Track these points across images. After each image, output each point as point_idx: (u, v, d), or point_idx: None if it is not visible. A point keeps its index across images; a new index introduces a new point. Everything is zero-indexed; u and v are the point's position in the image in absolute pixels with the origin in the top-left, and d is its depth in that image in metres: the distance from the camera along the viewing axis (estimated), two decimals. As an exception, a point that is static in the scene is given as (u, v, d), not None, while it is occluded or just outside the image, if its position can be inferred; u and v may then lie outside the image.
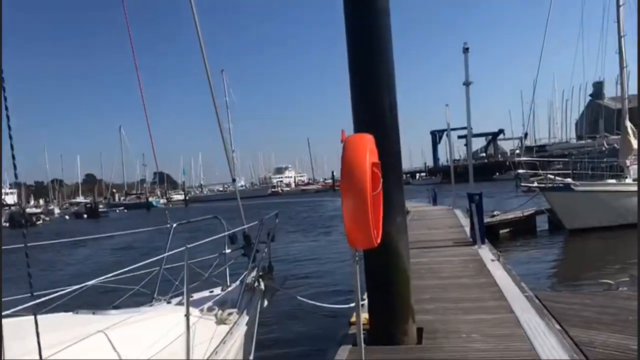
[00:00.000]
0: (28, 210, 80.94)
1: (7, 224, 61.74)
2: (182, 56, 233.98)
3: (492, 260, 9.66)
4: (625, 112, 18.91)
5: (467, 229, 15.02)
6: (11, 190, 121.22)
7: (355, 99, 5.55)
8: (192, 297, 4.46)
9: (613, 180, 18.67)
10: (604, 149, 24.13)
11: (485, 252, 10.72)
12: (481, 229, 11.53)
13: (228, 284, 5.15)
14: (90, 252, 25.62)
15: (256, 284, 5.01)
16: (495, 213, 18.65)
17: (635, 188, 17.49)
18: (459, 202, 25.51)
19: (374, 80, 5.43)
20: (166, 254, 4.27)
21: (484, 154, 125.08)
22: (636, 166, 18.30)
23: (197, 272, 5.08)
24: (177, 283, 4.80)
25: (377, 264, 5.32)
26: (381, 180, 4.47)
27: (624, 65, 18.69)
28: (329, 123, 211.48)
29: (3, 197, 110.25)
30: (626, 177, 18.42)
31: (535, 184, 17.45)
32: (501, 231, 18.64)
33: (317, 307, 6.64)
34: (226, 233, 5.21)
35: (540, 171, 18.25)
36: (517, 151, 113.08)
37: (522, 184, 17.84)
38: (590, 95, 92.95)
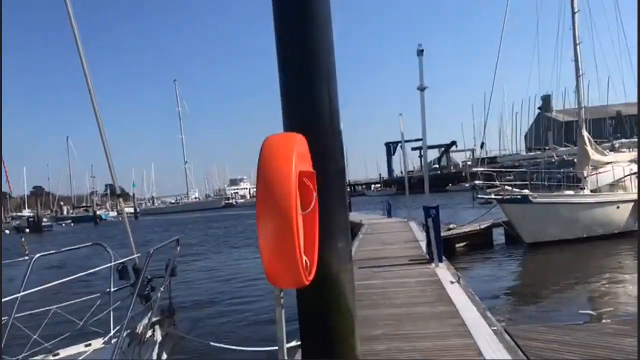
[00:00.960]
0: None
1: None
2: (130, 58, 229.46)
3: (452, 283, 8.62)
4: (582, 121, 18.45)
5: (424, 244, 14.06)
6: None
7: (286, 94, 4.27)
8: (57, 354, 3.15)
9: (570, 192, 18.14)
10: (553, 160, 23.79)
11: (444, 272, 9.69)
12: (439, 246, 10.53)
13: (111, 333, 3.82)
14: None
15: (149, 333, 3.72)
16: (451, 226, 17.80)
17: (594, 200, 16.95)
18: (414, 214, 24.71)
19: (309, 69, 4.18)
20: (20, 294, 2.98)
21: (437, 166, 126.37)
22: (594, 177, 17.80)
23: (68, 319, 3.77)
24: (35, 337, 3.47)
25: (312, 302, 4.08)
26: (314, 194, 3.31)
27: (580, 74, 18.26)
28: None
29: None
30: (583, 188, 17.90)
31: (493, 196, 16.69)
32: (457, 245, 17.81)
33: (241, 353, 5.35)
34: (112, 264, 3.88)
35: (497, 182, 17.48)
36: (470, 162, 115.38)
37: (479, 196, 17.04)
38: (539, 108, 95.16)
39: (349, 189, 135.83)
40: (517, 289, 12.97)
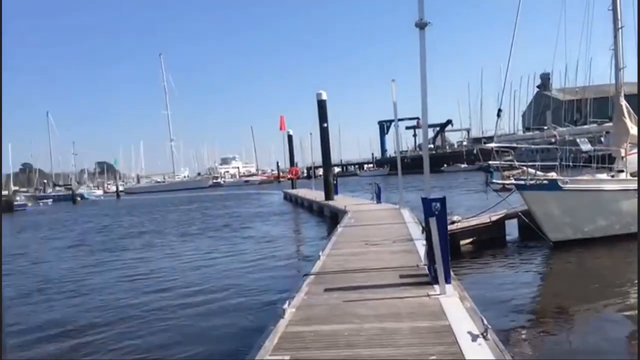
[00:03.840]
0: None
1: None
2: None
3: (475, 339, 4.87)
4: (621, 87, 14.65)
5: (419, 245, 10.37)
6: None
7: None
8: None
9: (603, 175, 14.41)
10: (553, 140, 20.22)
11: (456, 309, 5.92)
12: (446, 260, 6.76)
13: None
14: None
15: None
16: (455, 218, 14.04)
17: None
18: (408, 198, 21.08)
19: None
20: None
21: (432, 145, 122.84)
22: (634, 156, 14.05)
23: None
24: None
25: None
26: None
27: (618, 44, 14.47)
28: (273, 110, 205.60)
29: None
30: (622, 171, 14.17)
31: (512, 180, 12.92)
32: (462, 242, 14.09)
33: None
34: None
35: (517, 162, 13.66)
36: (465, 142, 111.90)
37: (494, 181, 13.20)
38: (538, 86, 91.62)
39: (340, 169, 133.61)
40: (542, 304, 9.29)
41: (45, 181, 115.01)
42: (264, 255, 15.11)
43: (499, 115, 14.53)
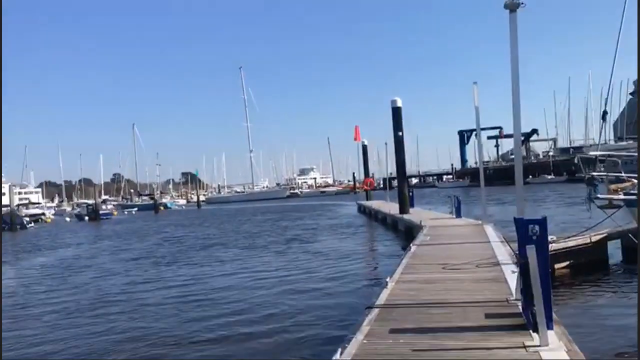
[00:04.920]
0: (29, 211, 76.39)
1: (-6, 228, 57.64)
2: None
3: None
4: None
5: (507, 272, 8.78)
6: (36, 190, 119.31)
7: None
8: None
9: None
10: None
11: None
12: (548, 302, 5.22)
13: None
14: None
15: None
16: (551, 238, 12.13)
17: None
18: (490, 211, 19.25)
19: None
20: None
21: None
22: None
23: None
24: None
25: None
26: None
27: None
28: (350, 120, 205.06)
29: (27, 195, 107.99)
30: None
31: (621, 196, 10.93)
32: (557, 265, 12.20)
33: None
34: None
35: (624, 174, 11.61)
36: (551, 152, 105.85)
37: (599, 196, 11.20)
38: (631, 93, 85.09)
39: (418, 180, 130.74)
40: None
41: (132, 191, 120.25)
42: (326, 276, 13.75)
43: (604, 119, 12.55)
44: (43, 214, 76.98)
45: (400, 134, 25.45)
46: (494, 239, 13.66)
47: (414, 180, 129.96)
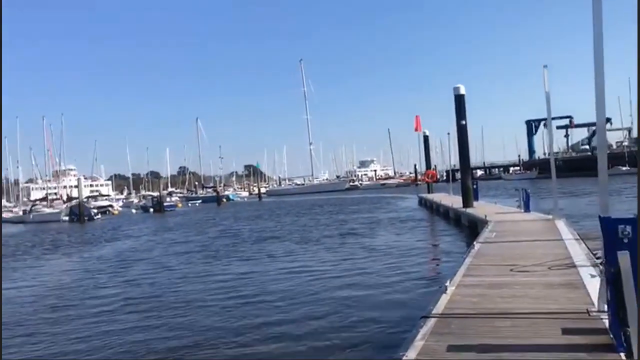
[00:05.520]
0: (97, 203, 79.37)
1: (67, 218, 60.00)
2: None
3: None
4: None
5: (586, 278, 7.73)
6: (106, 182, 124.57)
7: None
8: None
9: None
10: None
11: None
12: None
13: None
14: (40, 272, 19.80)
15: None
16: None
17: None
18: (561, 205, 17.83)
19: None
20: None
21: (587, 147, 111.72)
22: None
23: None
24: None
25: None
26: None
27: None
28: (411, 110, 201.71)
29: (97, 187, 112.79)
30: None
31: None
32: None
33: None
34: None
35: None
36: (626, 143, 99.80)
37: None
38: None
39: (483, 172, 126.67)
40: None
41: (196, 183, 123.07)
42: (380, 278, 12.62)
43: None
44: (110, 205, 79.59)
45: (463, 122, 24.13)
46: (567, 236, 12.41)
47: (479, 172, 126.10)
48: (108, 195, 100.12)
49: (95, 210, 64.72)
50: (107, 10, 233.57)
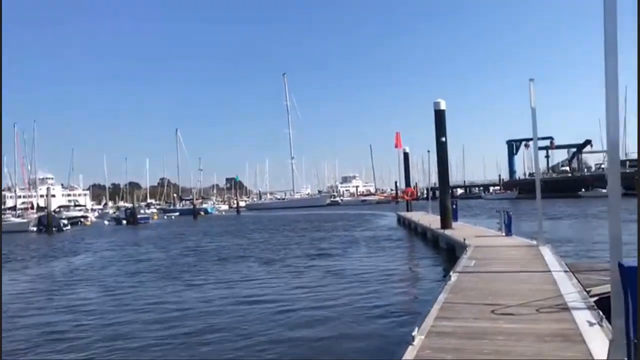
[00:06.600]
0: (70, 213, 76.96)
1: (35, 228, 57.64)
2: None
3: None
4: None
5: (582, 323, 6.35)
6: (84, 192, 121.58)
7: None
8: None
9: None
10: None
11: None
12: None
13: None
14: None
15: None
16: None
17: None
18: (546, 228, 16.58)
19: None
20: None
21: (567, 168, 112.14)
22: None
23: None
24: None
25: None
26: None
27: None
28: (394, 127, 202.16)
29: (75, 197, 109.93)
30: None
31: None
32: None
33: None
34: None
35: None
36: (604, 165, 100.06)
37: None
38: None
39: (463, 191, 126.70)
40: None
41: (175, 195, 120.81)
42: (341, 314, 10.55)
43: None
44: (83, 216, 77.18)
45: (443, 139, 22.87)
46: (555, 267, 11.05)
47: (459, 191, 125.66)
48: (84, 206, 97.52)
49: (66, 221, 62.37)
50: (88, 18, 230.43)
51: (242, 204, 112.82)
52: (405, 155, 47.07)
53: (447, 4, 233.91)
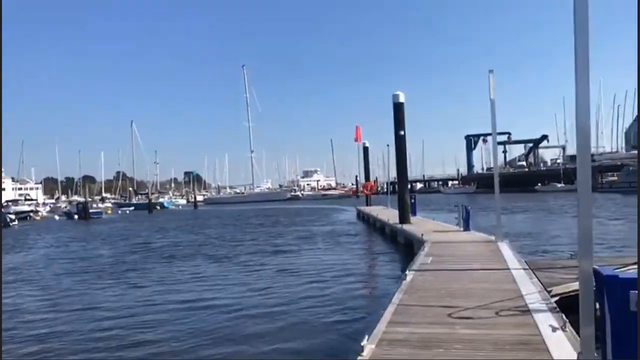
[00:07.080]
0: (18, 208, 73.97)
1: (-22, 223, 54.98)
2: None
3: None
4: None
5: (544, 327, 5.84)
6: (36, 186, 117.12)
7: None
8: None
9: None
10: None
11: None
12: None
13: None
14: None
15: None
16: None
17: None
18: (503, 222, 16.33)
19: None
20: None
21: (524, 163, 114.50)
22: None
23: None
24: None
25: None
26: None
27: None
28: (354, 121, 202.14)
29: (27, 191, 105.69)
30: None
31: None
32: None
33: None
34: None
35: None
36: (560, 160, 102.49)
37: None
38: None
39: (423, 185, 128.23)
40: None
41: (130, 189, 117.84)
42: (290, 316, 9.86)
43: None
44: (32, 211, 74.32)
45: (402, 133, 22.41)
46: (514, 264, 10.64)
47: (419, 185, 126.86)
48: (35, 200, 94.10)
49: (13, 216, 59.79)
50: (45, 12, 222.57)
51: (200, 198, 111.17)
52: (365, 149, 46.73)
53: (408, 5, 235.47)
